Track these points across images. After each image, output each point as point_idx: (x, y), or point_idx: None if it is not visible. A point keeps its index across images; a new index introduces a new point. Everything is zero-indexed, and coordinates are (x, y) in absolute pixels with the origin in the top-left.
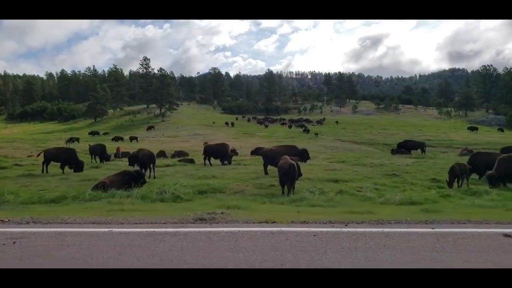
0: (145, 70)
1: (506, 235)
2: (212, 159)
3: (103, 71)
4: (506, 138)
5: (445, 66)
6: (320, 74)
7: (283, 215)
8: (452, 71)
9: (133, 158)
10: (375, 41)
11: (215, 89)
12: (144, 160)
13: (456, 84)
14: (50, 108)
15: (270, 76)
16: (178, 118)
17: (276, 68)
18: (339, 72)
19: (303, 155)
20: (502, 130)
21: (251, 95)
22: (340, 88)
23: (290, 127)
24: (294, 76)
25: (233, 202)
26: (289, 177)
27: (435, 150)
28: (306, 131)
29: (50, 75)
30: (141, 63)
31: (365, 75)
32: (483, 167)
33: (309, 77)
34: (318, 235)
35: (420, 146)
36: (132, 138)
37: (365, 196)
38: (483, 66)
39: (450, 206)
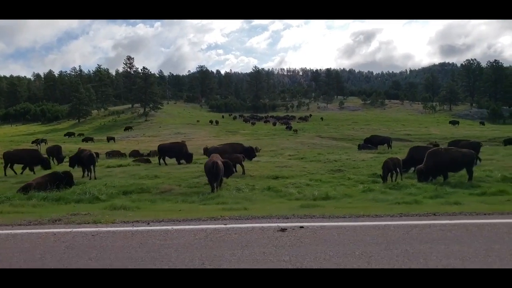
0: (129, 69)
1: (281, 229)
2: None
3: (89, 71)
4: (484, 131)
5: (438, 60)
6: (311, 70)
7: (155, 214)
8: (442, 65)
9: (73, 159)
10: (368, 36)
11: (203, 87)
12: (83, 160)
13: (446, 78)
14: (33, 110)
15: (257, 74)
16: (162, 117)
17: (268, 65)
18: (328, 69)
19: (249, 153)
20: (483, 124)
21: (241, 93)
22: (328, 85)
23: (274, 124)
24: (285, 73)
25: (129, 203)
26: (212, 175)
27: (412, 144)
28: (289, 128)
29: (37, 76)
30: (125, 62)
31: (356, 71)
32: (420, 161)
33: (301, 73)
34: (98, 235)
35: (386, 141)
36: (109, 139)
37: (287, 192)
38: (466, 60)
39: (347, 201)
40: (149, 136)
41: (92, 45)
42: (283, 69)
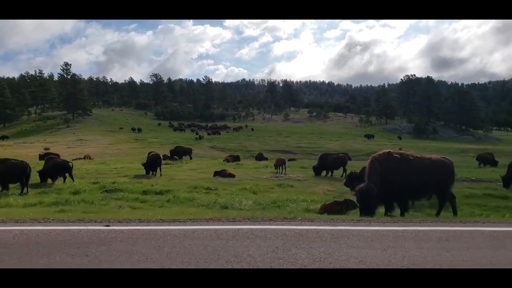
0: (66, 75)
1: None
2: None
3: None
4: (379, 146)
5: (429, 73)
6: (291, 82)
7: None
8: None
9: None
10: (364, 48)
11: (157, 95)
12: None
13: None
14: None
15: (208, 84)
16: (88, 123)
17: (258, 76)
18: (284, 80)
19: None
20: (400, 138)
21: (198, 102)
22: (283, 97)
23: (197, 133)
24: (265, 84)
25: None
26: None
27: (287, 156)
28: (200, 137)
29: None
30: (62, 68)
31: (335, 83)
32: None
33: (281, 85)
34: None
35: (188, 152)
36: None
37: None
38: (406, 75)
39: None
40: (47, 142)
41: (85, 50)
42: (264, 80)
